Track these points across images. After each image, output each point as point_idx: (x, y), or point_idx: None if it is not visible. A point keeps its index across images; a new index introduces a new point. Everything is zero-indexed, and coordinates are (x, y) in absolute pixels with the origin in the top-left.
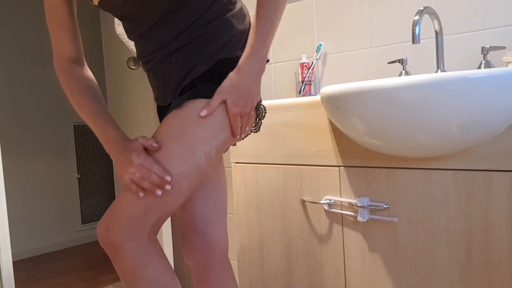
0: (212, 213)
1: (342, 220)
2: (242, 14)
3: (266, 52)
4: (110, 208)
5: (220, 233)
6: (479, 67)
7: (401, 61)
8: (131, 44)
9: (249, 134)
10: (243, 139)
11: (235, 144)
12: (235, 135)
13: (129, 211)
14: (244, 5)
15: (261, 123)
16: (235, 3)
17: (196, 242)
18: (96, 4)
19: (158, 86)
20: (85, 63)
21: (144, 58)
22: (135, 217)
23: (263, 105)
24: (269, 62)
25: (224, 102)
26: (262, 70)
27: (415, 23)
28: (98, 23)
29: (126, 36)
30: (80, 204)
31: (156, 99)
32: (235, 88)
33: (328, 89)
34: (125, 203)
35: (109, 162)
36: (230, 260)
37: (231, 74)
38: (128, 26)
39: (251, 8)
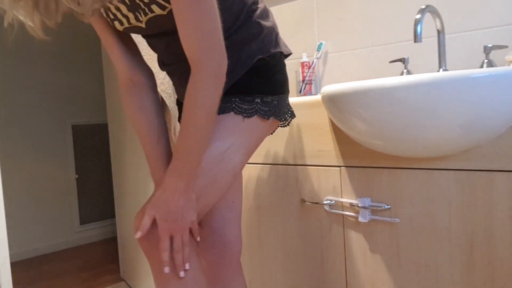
0: (230, 213)
1: (343, 220)
2: (266, 13)
3: (192, 169)
4: None
5: (237, 233)
6: (481, 66)
7: (402, 60)
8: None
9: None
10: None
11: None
12: (161, 257)
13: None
14: (265, 4)
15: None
16: (257, 3)
17: (213, 242)
18: (121, 29)
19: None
20: (150, 85)
21: (169, 65)
22: None
23: (291, 110)
24: None
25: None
26: (188, 187)
27: (416, 22)
28: None
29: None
30: (79, 204)
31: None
32: (163, 203)
33: (329, 88)
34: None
35: (108, 163)
36: None
37: (158, 192)
38: (154, 42)
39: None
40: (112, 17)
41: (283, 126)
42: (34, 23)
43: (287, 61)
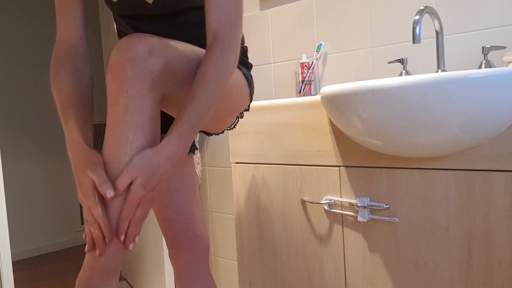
0: (198, 211)
1: (342, 220)
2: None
3: (193, 137)
4: None
5: (205, 229)
6: (480, 67)
7: (401, 61)
8: None
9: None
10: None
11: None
12: (120, 226)
13: None
14: None
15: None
16: None
17: (187, 241)
18: (115, 1)
19: None
20: (88, 53)
21: None
22: None
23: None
24: (269, 62)
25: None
26: (185, 155)
27: (415, 23)
28: (98, 22)
29: None
30: (79, 204)
31: None
32: (150, 168)
33: (328, 89)
34: None
35: None
36: (230, 260)
37: (149, 151)
38: (145, 26)
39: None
40: None
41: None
42: None
43: (287, 61)
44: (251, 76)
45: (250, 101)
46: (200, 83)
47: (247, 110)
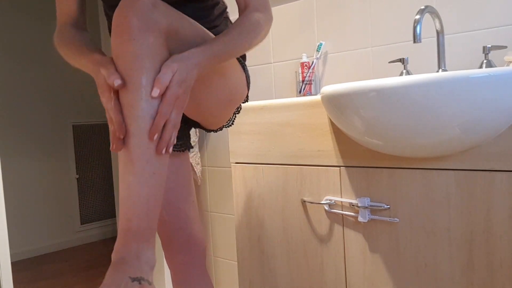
0: (193, 212)
1: (342, 220)
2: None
3: (217, 63)
4: None
5: (201, 230)
6: (481, 67)
7: (402, 61)
8: None
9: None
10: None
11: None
12: (153, 131)
13: None
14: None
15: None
16: (226, 8)
17: (182, 242)
18: None
19: None
20: (85, 28)
21: None
22: None
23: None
24: (269, 62)
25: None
26: (206, 70)
27: (416, 22)
28: (97, 19)
29: None
30: (79, 204)
31: None
32: (186, 66)
33: (328, 88)
34: None
35: (108, 163)
36: (230, 261)
37: (178, 56)
38: None
39: None
40: None
41: None
42: None
43: (287, 61)
44: (245, 64)
45: (248, 90)
46: (237, 27)
47: (246, 101)
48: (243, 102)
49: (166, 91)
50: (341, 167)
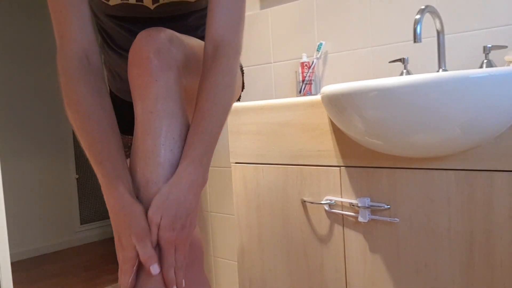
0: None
1: (342, 220)
2: None
3: (210, 157)
4: None
5: (199, 231)
6: (481, 67)
7: (402, 60)
8: None
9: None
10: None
11: None
12: (166, 277)
13: None
14: None
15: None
16: None
17: None
18: (112, 4)
19: None
20: (101, 69)
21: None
22: None
23: None
24: (269, 62)
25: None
26: (205, 181)
27: (416, 22)
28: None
29: None
30: (79, 204)
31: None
32: (173, 203)
33: (328, 88)
34: None
35: None
36: (230, 261)
37: (164, 189)
38: (139, 29)
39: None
40: None
41: None
42: None
43: (287, 61)
44: (242, 69)
45: (242, 90)
46: (210, 97)
47: (238, 100)
48: (237, 101)
49: (159, 241)
50: (341, 167)
